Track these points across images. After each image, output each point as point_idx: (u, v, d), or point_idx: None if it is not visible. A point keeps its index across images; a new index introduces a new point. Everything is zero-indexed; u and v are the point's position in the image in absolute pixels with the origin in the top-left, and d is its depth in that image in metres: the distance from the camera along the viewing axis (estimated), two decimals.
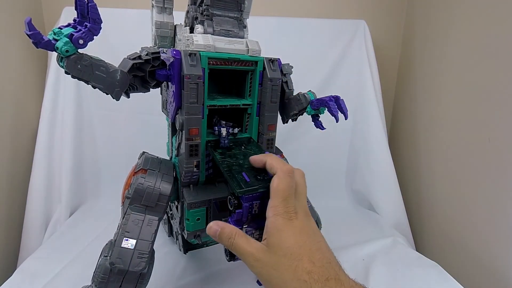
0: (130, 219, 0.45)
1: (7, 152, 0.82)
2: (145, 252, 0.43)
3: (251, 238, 0.35)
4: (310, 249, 0.32)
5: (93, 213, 0.89)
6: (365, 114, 1.01)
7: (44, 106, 0.90)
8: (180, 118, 0.46)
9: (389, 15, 1.11)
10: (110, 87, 0.41)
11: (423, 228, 0.97)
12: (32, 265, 0.64)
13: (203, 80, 0.45)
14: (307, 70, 1.01)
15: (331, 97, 0.52)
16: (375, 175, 0.97)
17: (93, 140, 0.99)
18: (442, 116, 0.89)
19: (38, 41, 0.35)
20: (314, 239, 0.34)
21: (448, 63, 0.87)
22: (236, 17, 0.52)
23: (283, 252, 0.32)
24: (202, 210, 0.51)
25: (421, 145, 1.00)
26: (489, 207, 0.71)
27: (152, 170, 0.49)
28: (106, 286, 0.42)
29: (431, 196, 0.94)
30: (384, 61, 1.11)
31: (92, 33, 0.37)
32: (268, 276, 0.32)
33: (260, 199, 0.40)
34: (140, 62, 0.45)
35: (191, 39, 0.47)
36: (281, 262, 0.31)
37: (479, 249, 0.74)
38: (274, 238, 0.33)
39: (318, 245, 0.34)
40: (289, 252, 0.31)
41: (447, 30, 0.87)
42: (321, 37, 1.03)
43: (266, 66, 0.51)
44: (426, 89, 0.97)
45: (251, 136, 0.54)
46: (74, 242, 0.72)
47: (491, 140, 0.71)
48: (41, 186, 0.86)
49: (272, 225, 0.34)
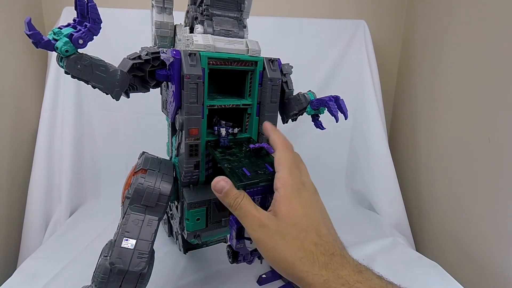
0: (130, 219, 0.45)
1: (7, 152, 0.82)
2: (145, 252, 0.43)
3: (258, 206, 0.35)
4: (318, 223, 0.32)
5: (93, 213, 0.89)
6: (365, 114, 1.01)
7: (44, 106, 0.90)
8: (180, 118, 0.46)
9: (389, 15, 1.11)
10: (110, 87, 0.41)
11: (423, 228, 0.97)
12: (32, 265, 0.64)
13: (203, 80, 0.45)
14: (307, 70, 1.01)
15: (331, 97, 0.52)
16: (375, 175, 0.97)
17: (93, 140, 0.99)
18: (442, 116, 0.89)
19: (38, 41, 0.35)
20: (321, 215, 0.34)
21: (448, 63, 0.87)
22: (236, 17, 0.52)
23: (292, 221, 0.32)
24: (202, 210, 0.51)
25: (421, 145, 1.00)
26: (489, 207, 0.71)
27: (152, 170, 0.49)
28: (106, 286, 0.42)
29: (431, 196, 0.94)
30: (384, 61, 1.11)
31: (92, 33, 0.37)
32: (273, 244, 0.31)
33: (261, 193, 0.40)
34: (140, 62, 0.45)
35: (191, 39, 0.47)
36: (289, 231, 0.31)
37: (479, 249, 0.74)
38: (284, 207, 0.32)
39: (325, 221, 0.34)
40: (298, 222, 0.31)
41: (447, 30, 0.87)
42: (321, 37, 1.03)
43: (266, 66, 0.50)
44: (426, 89, 0.97)
45: (251, 136, 0.54)
46: (74, 242, 0.72)
47: (491, 140, 0.71)
48: (41, 186, 0.86)
49: (281, 194, 0.33)
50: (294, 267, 0.30)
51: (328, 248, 0.30)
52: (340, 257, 0.30)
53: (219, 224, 0.53)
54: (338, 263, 0.30)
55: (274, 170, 0.41)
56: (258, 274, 0.64)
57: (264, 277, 0.64)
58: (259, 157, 0.45)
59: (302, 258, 0.30)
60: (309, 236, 0.31)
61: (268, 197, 0.41)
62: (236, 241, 0.41)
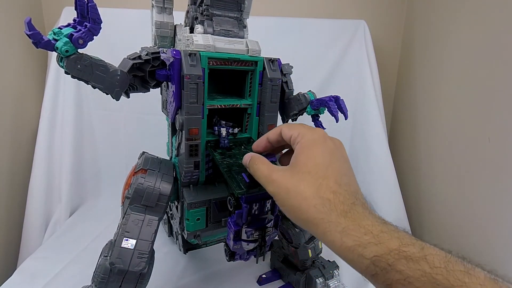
0: (130, 219, 0.45)
1: (7, 152, 0.82)
2: (145, 252, 0.43)
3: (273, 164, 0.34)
4: (339, 172, 0.30)
5: (93, 213, 0.89)
6: (365, 114, 1.01)
7: (44, 106, 0.90)
8: (180, 118, 0.46)
9: (389, 15, 1.11)
10: (110, 87, 0.41)
11: (423, 228, 0.97)
12: (32, 265, 0.64)
13: (203, 80, 0.45)
14: (307, 70, 1.01)
15: (331, 97, 0.52)
16: (375, 175, 0.97)
17: (93, 140, 0.99)
18: (442, 116, 0.89)
19: (38, 41, 0.35)
20: (344, 165, 0.31)
21: (448, 63, 0.87)
22: (236, 17, 0.52)
23: (308, 169, 0.30)
24: (202, 210, 0.51)
25: (421, 145, 1.00)
26: (489, 206, 0.71)
27: (152, 170, 0.49)
28: (106, 286, 0.42)
29: (431, 195, 0.94)
30: (384, 61, 1.11)
31: (92, 33, 0.37)
32: (286, 195, 0.29)
33: (260, 200, 0.40)
34: (140, 62, 0.45)
35: (191, 39, 0.47)
36: (303, 178, 0.29)
37: (479, 248, 0.74)
38: (301, 156, 0.31)
39: (347, 171, 0.31)
40: (314, 170, 0.29)
41: (447, 30, 0.87)
42: (321, 37, 1.03)
43: (266, 66, 0.50)
44: (426, 89, 0.97)
45: (251, 136, 0.54)
46: (74, 242, 0.72)
47: (491, 140, 0.71)
48: (41, 186, 0.86)
49: (302, 145, 0.31)
50: (308, 214, 0.28)
51: (349, 197, 0.28)
52: (362, 207, 0.28)
53: (219, 224, 0.53)
54: (360, 213, 0.27)
55: None
56: (258, 274, 0.64)
57: (264, 277, 0.64)
58: None
59: (316, 205, 0.28)
60: (327, 183, 0.28)
61: (266, 203, 0.41)
62: (234, 243, 0.41)
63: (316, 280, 0.58)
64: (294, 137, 0.33)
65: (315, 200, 0.28)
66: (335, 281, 0.60)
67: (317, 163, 0.30)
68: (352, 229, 0.26)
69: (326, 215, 0.27)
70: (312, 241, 0.58)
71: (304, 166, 0.30)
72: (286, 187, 0.30)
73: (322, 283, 0.58)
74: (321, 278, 0.58)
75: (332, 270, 0.60)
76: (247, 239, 0.41)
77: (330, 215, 0.27)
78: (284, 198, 0.30)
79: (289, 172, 0.31)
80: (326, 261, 0.62)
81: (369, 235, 0.26)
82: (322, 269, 0.60)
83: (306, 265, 0.60)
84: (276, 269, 0.67)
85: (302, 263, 0.59)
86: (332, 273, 0.60)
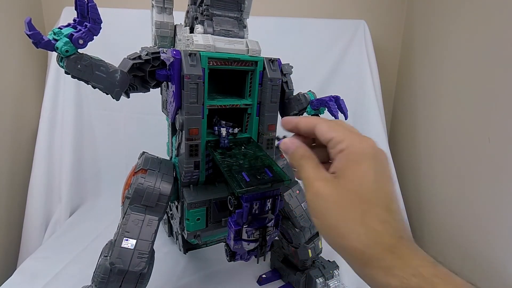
0: (130, 219, 0.45)
1: (7, 152, 0.82)
2: (145, 252, 0.43)
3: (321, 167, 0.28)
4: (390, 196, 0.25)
5: (93, 213, 0.89)
6: (365, 114, 1.01)
7: (44, 106, 0.90)
8: (180, 118, 0.46)
9: (389, 15, 1.11)
10: (110, 87, 0.41)
11: (423, 228, 0.97)
12: (32, 265, 0.64)
13: (203, 80, 0.45)
14: (307, 70, 1.01)
15: (331, 97, 0.52)
16: None
17: (93, 140, 0.99)
18: (442, 116, 0.89)
19: (38, 41, 0.35)
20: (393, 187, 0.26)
21: (448, 63, 0.87)
22: (236, 17, 0.52)
23: (355, 187, 0.25)
24: (202, 210, 0.51)
25: (421, 145, 1.00)
26: (489, 206, 0.71)
27: (152, 170, 0.49)
28: (106, 286, 0.42)
29: (431, 195, 0.94)
30: (384, 61, 1.11)
31: (92, 33, 0.37)
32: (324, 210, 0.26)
33: (260, 199, 0.40)
34: (140, 62, 0.45)
35: (191, 39, 0.47)
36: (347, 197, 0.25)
37: (479, 248, 0.74)
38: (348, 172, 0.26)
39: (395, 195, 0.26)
40: (363, 190, 0.25)
41: (447, 30, 0.87)
42: (321, 37, 1.03)
43: (266, 66, 0.50)
44: (426, 89, 0.97)
45: (251, 136, 0.54)
46: (74, 242, 0.72)
47: (491, 140, 0.71)
48: (41, 186, 0.86)
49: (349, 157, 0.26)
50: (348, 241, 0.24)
51: (398, 228, 0.24)
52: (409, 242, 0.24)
53: (219, 224, 0.53)
54: (408, 249, 0.23)
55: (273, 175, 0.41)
56: (258, 274, 0.64)
57: (264, 277, 0.64)
58: (259, 160, 0.45)
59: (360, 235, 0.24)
60: (375, 210, 0.24)
61: (267, 202, 0.41)
62: (234, 242, 0.41)
63: (316, 280, 0.58)
64: (335, 142, 0.27)
65: (359, 228, 0.24)
66: (335, 281, 0.60)
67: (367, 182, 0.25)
68: (399, 268, 0.23)
69: (369, 248, 0.23)
70: (312, 241, 0.58)
71: (351, 183, 0.25)
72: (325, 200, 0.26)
73: (322, 283, 0.58)
74: (321, 278, 0.58)
75: (332, 270, 0.60)
76: (248, 238, 0.41)
77: (375, 248, 0.23)
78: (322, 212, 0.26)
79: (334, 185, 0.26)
80: (326, 261, 0.62)
81: (419, 278, 0.22)
82: (322, 269, 0.60)
83: (306, 265, 0.60)
84: (276, 269, 0.67)
85: (302, 263, 0.59)
86: (332, 273, 0.60)
